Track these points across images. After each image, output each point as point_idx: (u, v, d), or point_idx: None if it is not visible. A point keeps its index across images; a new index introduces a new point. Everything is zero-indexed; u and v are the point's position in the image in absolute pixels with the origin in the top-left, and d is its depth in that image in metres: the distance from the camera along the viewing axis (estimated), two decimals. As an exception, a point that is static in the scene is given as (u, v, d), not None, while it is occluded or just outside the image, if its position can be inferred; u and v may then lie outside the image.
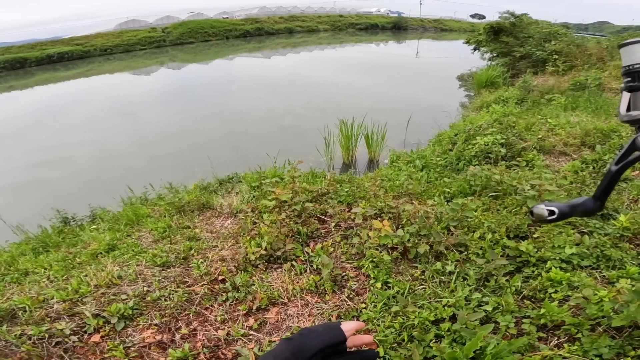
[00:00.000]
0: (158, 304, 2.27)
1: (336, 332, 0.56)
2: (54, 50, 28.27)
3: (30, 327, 2.03)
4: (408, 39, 41.30)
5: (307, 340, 0.53)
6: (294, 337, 0.54)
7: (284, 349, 0.52)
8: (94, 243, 3.42)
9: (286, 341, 0.53)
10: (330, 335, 0.55)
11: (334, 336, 0.55)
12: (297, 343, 0.52)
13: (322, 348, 0.52)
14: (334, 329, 0.56)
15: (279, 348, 0.52)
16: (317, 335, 0.54)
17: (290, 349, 0.51)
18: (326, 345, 0.53)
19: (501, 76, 11.67)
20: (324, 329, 0.56)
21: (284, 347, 0.52)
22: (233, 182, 5.36)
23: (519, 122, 5.63)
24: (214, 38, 36.34)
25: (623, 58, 0.44)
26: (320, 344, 0.53)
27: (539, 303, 1.87)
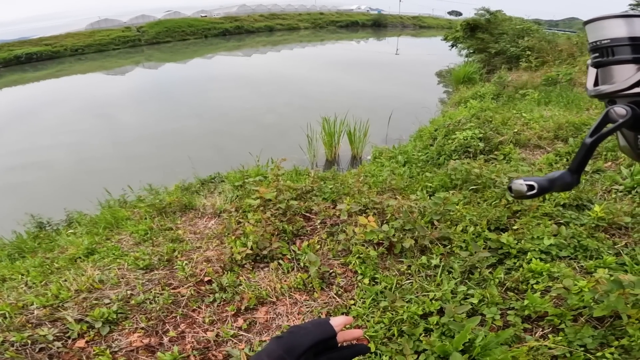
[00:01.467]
0: (143, 307, 2.22)
1: (326, 328, 0.56)
2: (22, 51, 27.09)
3: (11, 333, 1.95)
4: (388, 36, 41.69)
5: (298, 337, 0.53)
6: (284, 335, 0.54)
7: (276, 347, 0.52)
8: (71, 247, 3.31)
9: (277, 339, 0.53)
10: (320, 331, 0.55)
11: (324, 332, 0.55)
12: (288, 340, 0.52)
13: (313, 344, 0.53)
14: (324, 325, 0.56)
15: (270, 347, 0.52)
16: (308, 332, 0.54)
17: (282, 346, 0.51)
18: (317, 341, 0.53)
19: (478, 72, 11.93)
20: (314, 326, 0.56)
21: (275, 345, 0.52)
22: (215, 182, 5.29)
23: (496, 116, 5.78)
24: (192, 37, 35.61)
25: (589, 35, 0.45)
26: (311, 340, 0.53)
27: (522, 294, 1.93)
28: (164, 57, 27.71)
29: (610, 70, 0.43)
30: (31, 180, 7.46)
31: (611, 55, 0.43)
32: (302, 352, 0.51)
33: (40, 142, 9.65)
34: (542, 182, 0.36)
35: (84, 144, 9.30)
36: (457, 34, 14.63)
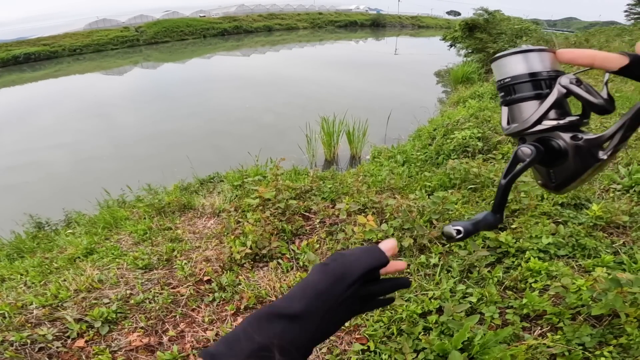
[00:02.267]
0: (142, 306, 2.22)
1: (377, 254, 0.48)
2: (20, 51, 27.06)
3: (11, 333, 1.96)
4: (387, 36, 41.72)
5: (348, 265, 0.46)
6: (329, 262, 0.47)
7: (322, 276, 0.45)
8: (70, 247, 3.31)
9: (322, 267, 0.46)
10: (372, 257, 0.47)
11: (376, 259, 0.47)
12: (337, 268, 0.45)
13: (365, 272, 0.46)
14: (375, 251, 0.48)
15: (315, 277, 0.45)
16: (358, 259, 0.47)
17: (330, 275, 0.45)
18: (369, 268, 0.46)
19: (476, 72, 11.94)
20: (363, 252, 0.48)
21: (321, 274, 0.45)
22: (214, 181, 5.29)
23: (494, 116, 5.79)
24: (191, 37, 35.60)
25: (495, 74, 0.44)
26: (362, 267, 0.46)
27: (521, 293, 1.93)
28: (163, 57, 27.68)
29: (516, 108, 0.42)
30: (30, 180, 7.45)
31: (514, 94, 0.42)
32: (353, 281, 0.45)
33: (39, 142, 9.63)
34: (467, 226, 0.38)
35: (82, 144, 9.29)
36: (455, 34, 14.65)
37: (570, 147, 0.37)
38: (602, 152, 0.35)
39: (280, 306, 0.42)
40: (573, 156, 0.37)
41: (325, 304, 0.43)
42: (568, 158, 0.37)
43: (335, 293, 0.44)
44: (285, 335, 0.40)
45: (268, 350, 0.39)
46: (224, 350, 0.39)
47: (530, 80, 0.41)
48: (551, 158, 0.38)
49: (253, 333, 0.40)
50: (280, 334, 0.40)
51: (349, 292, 0.44)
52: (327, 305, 0.43)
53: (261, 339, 0.39)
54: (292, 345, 0.40)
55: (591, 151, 0.36)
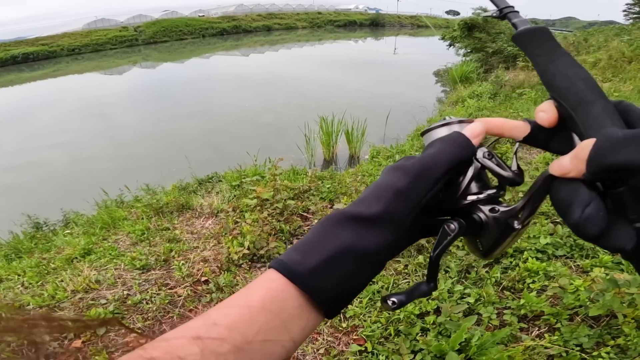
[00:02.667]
0: (140, 307, 2.22)
1: (465, 144, 0.40)
2: (19, 51, 27.02)
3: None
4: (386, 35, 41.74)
5: (429, 159, 0.38)
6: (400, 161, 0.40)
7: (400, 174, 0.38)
8: (68, 248, 3.30)
9: (397, 165, 0.39)
10: (459, 148, 0.39)
11: (463, 150, 0.39)
12: (416, 163, 0.38)
13: (452, 167, 0.38)
14: (461, 140, 0.40)
15: (391, 176, 0.38)
16: (441, 150, 0.39)
17: (410, 172, 0.37)
18: (456, 162, 0.39)
19: (475, 71, 11.94)
20: (446, 143, 0.40)
21: (397, 172, 0.38)
22: (213, 181, 5.28)
23: (493, 115, 5.78)
24: (190, 36, 35.58)
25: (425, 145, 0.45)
26: (447, 161, 0.38)
27: (519, 294, 1.93)
28: (161, 56, 27.65)
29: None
30: (28, 180, 7.43)
31: None
32: (438, 178, 0.38)
33: (37, 142, 9.61)
34: (401, 298, 0.39)
35: (81, 144, 9.27)
36: (454, 34, 14.62)
37: (489, 220, 0.39)
38: (516, 222, 0.37)
39: (355, 209, 0.36)
40: (493, 227, 0.39)
41: (407, 205, 0.37)
42: (489, 229, 0.39)
43: (419, 192, 0.37)
44: (360, 241, 0.35)
45: (343, 255, 0.34)
46: (298, 258, 0.34)
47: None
48: (475, 230, 0.40)
49: (324, 239, 0.35)
50: (355, 240, 0.35)
51: (435, 189, 0.38)
52: (409, 206, 0.37)
53: (335, 246, 0.34)
54: (366, 253, 0.35)
55: (507, 222, 0.38)
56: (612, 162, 0.26)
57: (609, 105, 0.32)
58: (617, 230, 0.29)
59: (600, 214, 0.28)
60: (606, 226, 0.28)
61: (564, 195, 0.31)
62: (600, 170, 0.27)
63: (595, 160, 0.27)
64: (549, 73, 0.36)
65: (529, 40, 0.39)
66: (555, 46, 0.37)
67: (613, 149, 0.26)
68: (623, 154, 0.26)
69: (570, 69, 0.35)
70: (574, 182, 0.30)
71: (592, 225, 0.28)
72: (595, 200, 0.29)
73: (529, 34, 0.39)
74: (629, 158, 0.25)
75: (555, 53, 0.37)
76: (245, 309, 0.32)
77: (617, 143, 0.26)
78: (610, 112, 0.31)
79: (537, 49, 0.38)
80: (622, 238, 0.28)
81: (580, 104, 0.33)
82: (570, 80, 0.34)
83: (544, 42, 0.38)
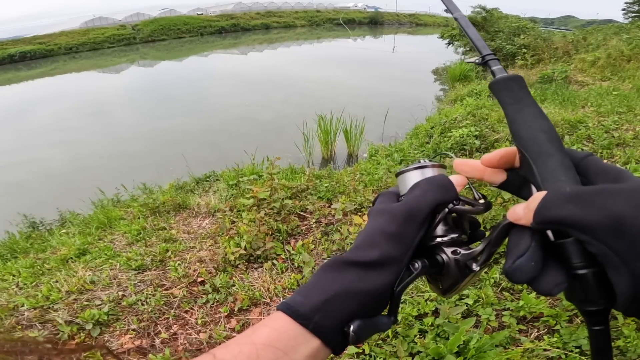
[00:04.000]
0: (135, 308, 2.20)
1: (448, 186, 0.41)
2: (16, 50, 26.83)
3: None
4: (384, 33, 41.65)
5: (414, 200, 0.40)
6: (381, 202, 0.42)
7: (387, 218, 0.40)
8: (63, 248, 3.27)
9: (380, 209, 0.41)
10: (442, 190, 0.41)
11: (446, 192, 0.41)
12: (401, 206, 0.40)
13: (435, 207, 0.40)
14: (444, 183, 0.41)
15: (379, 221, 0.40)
16: (424, 192, 0.41)
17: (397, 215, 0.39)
18: (439, 203, 0.40)
19: (474, 70, 11.91)
20: (429, 184, 0.42)
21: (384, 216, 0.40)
22: (210, 180, 5.25)
23: (492, 114, 5.76)
24: (188, 35, 35.38)
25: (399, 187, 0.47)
26: (431, 201, 0.40)
27: (518, 295, 1.91)
28: (160, 55, 27.53)
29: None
30: (25, 179, 7.39)
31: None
32: (423, 219, 0.40)
33: (34, 141, 9.55)
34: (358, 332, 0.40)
35: (78, 143, 9.22)
36: (453, 32, 14.60)
37: (450, 261, 0.42)
38: (475, 265, 0.40)
39: (353, 256, 0.38)
40: (453, 268, 0.42)
41: (400, 249, 0.39)
42: (450, 270, 0.42)
43: (408, 235, 0.39)
44: (360, 284, 0.37)
45: (345, 295, 0.36)
46: (301, 299, 0.36)
47: None
48: (437, 269, 0.43)
49: (326, 282, 0.37)
50: (355, 283, 0.37)
51: (423, 230, 0.40)
52: (402, 249, 0.39)
53: (337, 287, 0.36)
54: (366, 295, 0.37)
55: (466, 264, 0.40)
56: (555, 215, 0.29)
57: (565, 159, 0.34)
58: (547, 277, 0.31)
59: (532, 264, 0.31)
60: (537, 274, 0.31)
61: (509, 243, 0.34)
62: (544, 222, 0.30)
63: (540, 213, 0.30)
64: (516, 123, 0.38)
65: (501, 88, 0.41)
66: (524, 96, 0.39)
67: (558, 203, 0.29)
68: (565, 210, 0.28)
69: (535, 120, 0.37)
70: (524, 231, 0.33)
71: (520, 274, 0.31)
72: (532, 250, 0.32)
73: (502, 82, 0.41)
74: (569, 214, 0.28)
75: (523, 102, 0.38)
76: (251, 346, 0.33)
77: (562, 198, 0.29)
78: (566, 166, 0.34)
79: (508, 98, 0.40)
80: (549, 285, 0.31)
81: (540, 155, 0.35)
82: (533, 131, 0.36)
83: (514, 91, 0.40)
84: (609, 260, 0.28)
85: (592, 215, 0.27)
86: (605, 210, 0.27)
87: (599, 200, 0.27)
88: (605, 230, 0.27)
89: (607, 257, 0.28)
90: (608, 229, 0.26)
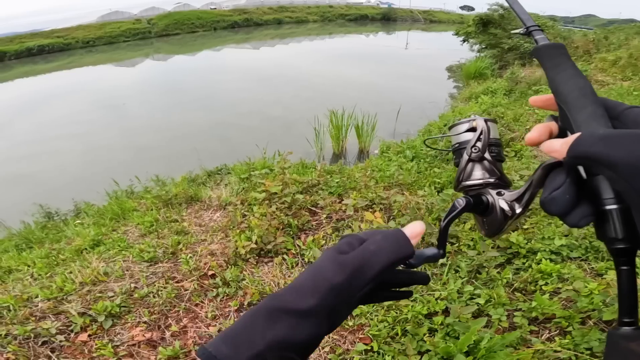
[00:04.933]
0: (146, 300, 2.22)
1: (403, 244, 0.41)
2: (34, 43, 27.33)
3: (15, 326, 1.96)
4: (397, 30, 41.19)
5: (368, 256, 0.39)
6: (343, 248, 0.41)
7: (337, 268, 0.39)
8: (78, 239, 3.33)
9: (336, 255, 0.40)
10: (397, 248, 0.41)
11: (400, 250, 0.41)
12: (355, 259, 0.39)
13: (387, 266, 0.40)
14: (400, 240, 0.41)
15: (328, 267, 0.39)
16: (380, 249, 0.40)
17: (348, 267, 0.38)
18: (392, 262, 0.40)
19: (489, 67, 11.71)
20: (386, 240, 0.41)
21: (335, 265, 0.39)
22: (222, 173, 5.28)
23: (507, 112, 5.66)
24: (201, 29, 35.57)
25: (452, 138, 0.53)
26: (385, 260, 0.39)
27: (530, 295, 1.87)
28: (173, 49, 27.75)
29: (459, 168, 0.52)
30: (41, 169, 7.54)
31: (454, 159, 0.53)
32: (373, 276, 0.39)
33: (51, 132, 9.75)
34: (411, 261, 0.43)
35: (93, 135, 9.37)
36: (469, 29, 14.36)
37: (495, 202, 0.46)
38: (518, 206, 0.43)
39: (289, 300, 0.38)
40: (498, 209, 0.45)
41: (340, 300, 0.38)
42: (495, 210, 0.46)
43: (352, 289, 0.39)
44: (293, 335, 0.36)
45: (275, 349, 0.35)
46: (226, 351, 0.35)
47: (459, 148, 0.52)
48: (482, 209, 0.47)
49: (256, 332, 0.36)
50: (287, 334, 0.36)
51: (367, 288, 0.39)
52: (342, 301, 0.39)
53: (269, 339, 0.35)
54: (298, 346, 0.37)
55: (510, 205, 0.44)
56: (586, 151, 0.32)
57: (599, 110, 0.37)
58: (576, 210, 0.34)
59: (566, 197, 0.34)
60: (570, 208, 0.34)
61: (547, 180, 0.37)
62: (576, 156, 0.33)
63: (574, 148, 0.33)
64: (555, 82, 0.42)
65: (542, 54, 0.45)
66: (563, 60, 0.43)
67: (590, 142, 0.32)
68: (595, 147, 0.31)
69: (571, 79, 0.41)
70: (560, 171, 0.36)
71: (555, 206, 0.35)
72: (566, 185, 0.35)
73: (544, 49, 0.45)
74: (598, 151, 0.31)
75: (562, 66, 0.42)
76: None
77: (594, 138, 0.32)
78: (598, 115, 0.37)
79: (548, 62, 0.44)
80: (577, 217, 0.34)
81: (575, 107, 0.38)
82: (569, 87, 0.40)
83: (554, 56, 0.44)
84: (632, 199, 0.30)
85: (618, 154, 0.29)
86: (631, 150, 0.29)
87: (627, 142, 0.30)
88: (630, 168, 0.29)
89: (630, 195, 0.30)
90: (632, 168, 0.29)
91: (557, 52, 0.44)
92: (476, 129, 0.50)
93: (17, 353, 1.82)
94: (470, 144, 0.50)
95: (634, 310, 0.33)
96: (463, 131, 0.51)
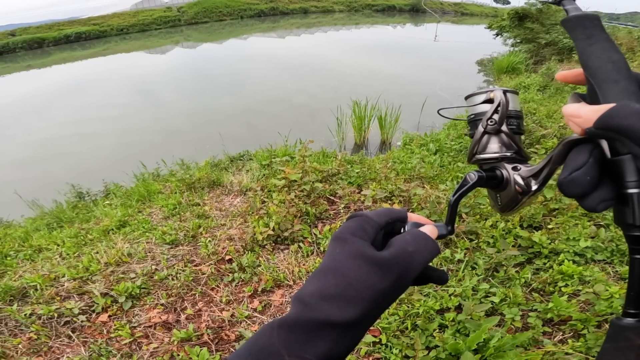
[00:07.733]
0: (165, 283, 2.30)
1: (434, 247, 0.42)
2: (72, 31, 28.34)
3: (40, 306, 2.06)
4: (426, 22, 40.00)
5: (410, 261, 0.39)
6: (357, 232, 0.41)
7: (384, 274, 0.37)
8: (105, 219, 3.47)
9: (365, 250, 0.38)
10: (431, 250, 0.41)
11: (433, 252, 0.41)
12: (400, 264, 0.38)
13: (424, 267, 0.41)
14: (431, 244, 0.42)
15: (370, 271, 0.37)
16: (417, 251, 0.40)
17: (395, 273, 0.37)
18: (428, 263, 0.41)
19: (523, 62, 11.23)
20: (421, 243, 0.41)
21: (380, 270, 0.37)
22: (244, 159, 5.35)
23: (540, 109, 5.43)
24: (229, 17, 35.82)
25: (468, 109, 0.51)
26: (422, 264, 0.40)
27: (548, 296, 1.82)
28: (202, 37, 28.12)
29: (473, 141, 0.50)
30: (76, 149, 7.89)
31: (469, 130, 0.51)
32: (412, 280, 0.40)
33: (87, 115, 10.16)
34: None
35: (126, 118, 9.70)
36: (503, 23, 13.81)
37: (511, 177, 0.44)
38: (534, 183, 0.41)
39: (329, 312, 0.35)
40: (512, 185, 0.43)
41: (384, 306, 0.37)
42: (510, 185, 0.44)
43: (397, 293, 0.38)
44: (335, 349, 0.34)
45: None
46: None
47: (476, 119, 0.50)
48: (496, 184, 0.45)
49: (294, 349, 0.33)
50: (331, 349, 0.34)
51: (405, 289, 0.39)
52: (385, 306, 0.38)
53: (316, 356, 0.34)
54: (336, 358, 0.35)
55: (526, 181, 0.42)
56: (617, 124, 0.29)
57: (631, 86, 0.34)
58: (595, 193, 0.32)
59: (587, 178, 0.32)
60: (590, 190, 0.32)
61: (568, 158, 0.35)
62: (605, 127, 0.30)
63: (604, 119, 0.30)
64: (585, 54, 0.39)
65: (574, 25, 0.41)
66: (597, 32, 0.39)
67: (624, 114, 0.29)
68: (628, 120, 0.29)
69: (604, 52, 0.37)
70: (583, 148, 0.33)
71: (575, 187, 0.32)
72: (589, 165, 0.32)
73: (575, 19, 0.41)
74: (631, 124, 0.29)
75: (595, 38, 0.39)
76: None
77: (629, 111, 0.29)
78: (630, 92, 0.34)
79: (580, 33, 0.40)
80: (595, 200, 0.32)
81: (605, 82, 0.35)
82: (601, 61, 0.37)
83: (587, 28, 0.40)
84: None
85: None
86: None
87: None
88: None
89: None
90: None
91: (590, 24, 0.40)
92: (493, 100, 0.48)
93: (39, 332, 1.92)
94: (486, 116, 0.49)
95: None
96: (479, 102, 0.50)
